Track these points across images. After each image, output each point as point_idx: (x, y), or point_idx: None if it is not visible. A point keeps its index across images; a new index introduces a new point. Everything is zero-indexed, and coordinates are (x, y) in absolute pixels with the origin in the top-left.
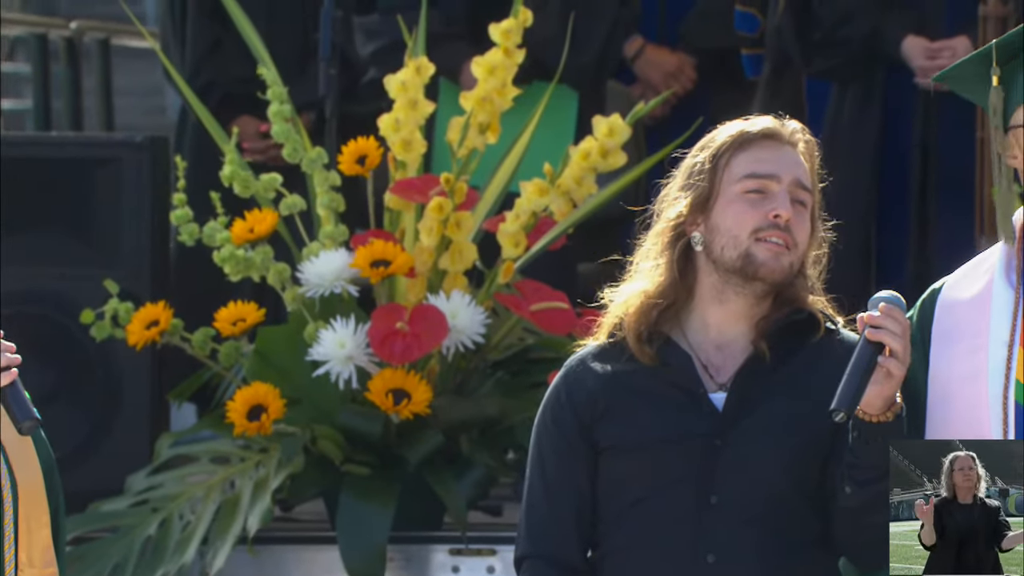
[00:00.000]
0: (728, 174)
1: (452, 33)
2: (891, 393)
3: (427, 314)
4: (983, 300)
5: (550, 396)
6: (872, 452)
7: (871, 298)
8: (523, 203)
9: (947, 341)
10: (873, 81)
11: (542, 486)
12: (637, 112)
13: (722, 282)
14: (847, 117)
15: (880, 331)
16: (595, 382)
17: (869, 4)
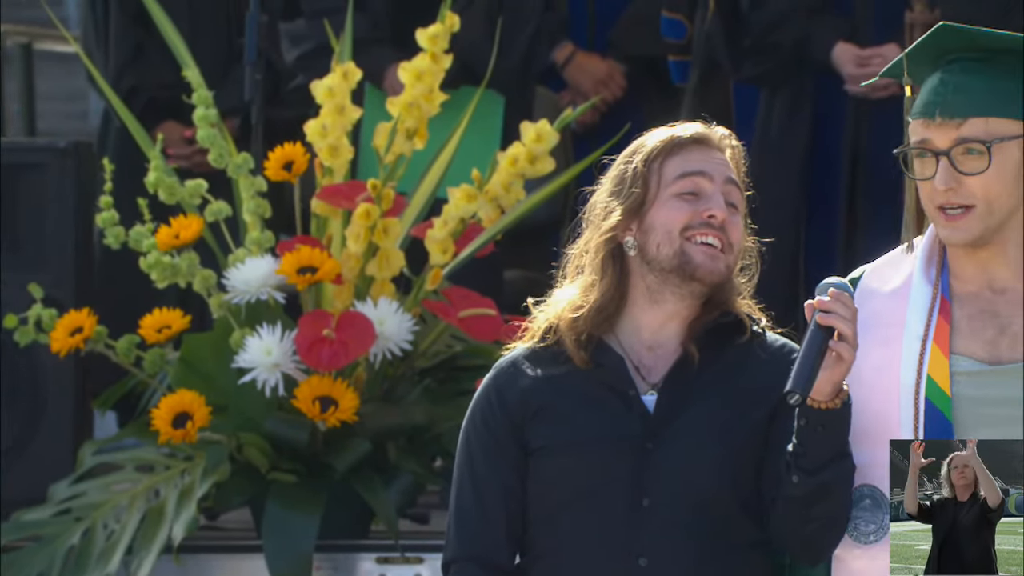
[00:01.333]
0: (661, 178)
1: (378, 38)
2: (840, 378)
3: (354, 321)
4: (902, 293)
5: (479, 397)
6: (819, 439)
7: (820, 284)
8: (451, 209)
9: (862, 332)
10: (802, 87)
11: (471, 488)
12: (565, 118)
13: (659, 282)
14: (776, 123)
15: (830, 315)
16: (526, 383)
17: (799, 11)
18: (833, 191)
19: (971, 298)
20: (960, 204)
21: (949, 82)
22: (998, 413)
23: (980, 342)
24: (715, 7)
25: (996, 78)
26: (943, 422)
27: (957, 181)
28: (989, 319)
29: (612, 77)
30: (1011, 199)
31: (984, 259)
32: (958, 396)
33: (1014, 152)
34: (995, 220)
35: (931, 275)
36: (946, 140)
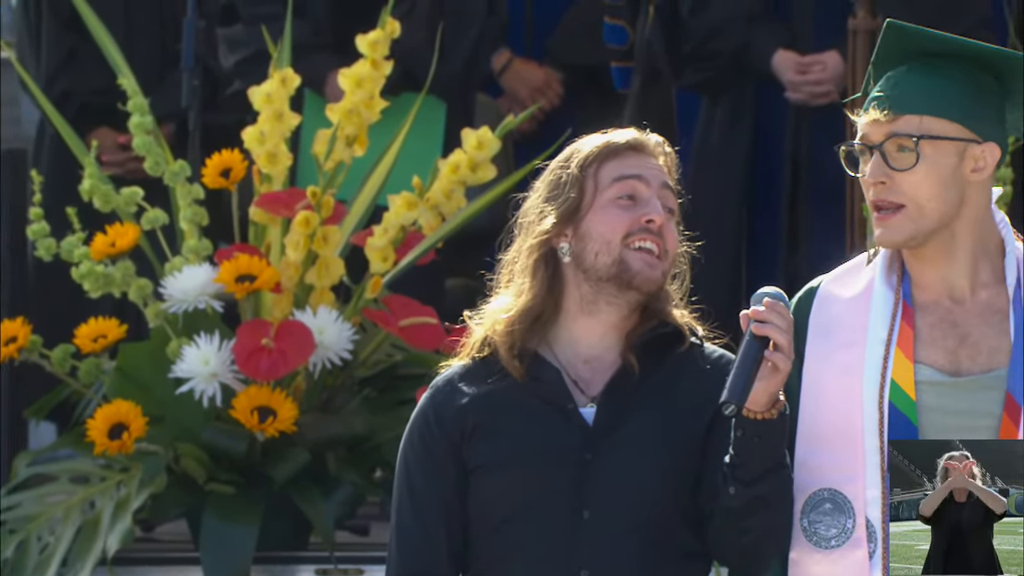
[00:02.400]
0: (597, 183)
1: (318, 44)
2: (776, 388)
3: (293, 330)
4: (863, 299)
5: (417, 417)
6: (756, 450)
7: (755, 293)
8: (391, 217)
9: (824, 336)
10: (743, 95)
11: (411, 506)
12: (507, 125)
13: (594, 292)
14: (717, 131)
15: (766, 326)
16: (463, 400)
17: (739, 18)
18: (774, 199)
19: (931, 307)
20: (891, 201)
21: (892, 79)
22: (954, 423)
23: (941, 351)
24: (655, 14)
25: (938, 78)
26: (908, 426)
27: (887, 176)
28: (949, 329)
29: (549, 85)
30: (943, 204)
31: (941, 268)
32: (921, 404)
33: (949, 156)
34: (927, 224)
35: (892, 282)
36: (880, 135)
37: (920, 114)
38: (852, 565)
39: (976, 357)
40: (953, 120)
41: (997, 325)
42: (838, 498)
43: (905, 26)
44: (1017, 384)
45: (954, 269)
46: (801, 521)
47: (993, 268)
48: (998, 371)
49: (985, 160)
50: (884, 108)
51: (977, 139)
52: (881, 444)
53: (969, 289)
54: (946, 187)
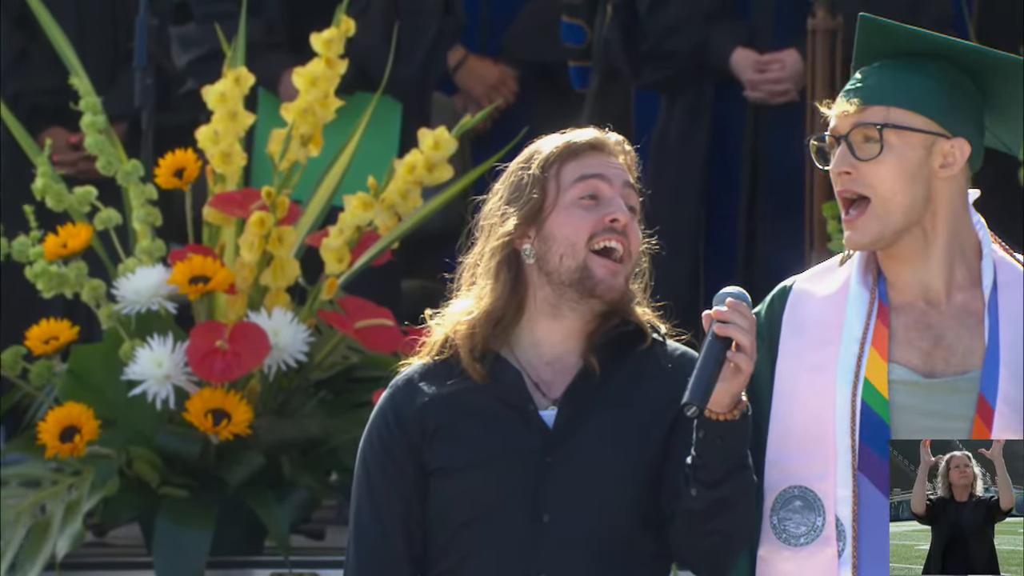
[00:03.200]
0: (559, 183)
1: (272, 43)
2: (738, 389)
3: (248, 332)
4: (839, 298)
5: (376, 417)
6: (718, 451)
7: (717, 293)
8: (347, 218)
9: (798, 334)
10: (702, 94)
11: (370, 510)
12: (463, 125)
13: (556, 296)
14: (676, 130)
15: (728, 326)
16: (423, 401)
17: (697, 16)
18: (732, 198)
19: (907, 308)
20: (855, 192)
21: (863, 72)
22: (927, 424)
23: (916, 352)
24: (613, 12)
25: (910, 73)
26: (880, 424)
27: (852, 166)
28: (924, 330)
29: (504, 82)
30: (909, 198)
31: (916, 269)
32: (894, 404)
33: (916, 148)
34: (894, 220)
35: (868, 281)
36: (847, 125)
37: (888, 105)
38: (821, 563)
39: (950, 359)
40: (921, 113)
41: (972, 328)
42: (808, 496)
43: (878, 21)
44: (990, 387)
45: (929, 270)
46: (771, 518)
47: (969, 270)
48: (972, 373)
49: (954, 156)
50: (853, 98)
51: (946, 134)
52: (853, 443)
53: (944, 291)
54: (912, 180)
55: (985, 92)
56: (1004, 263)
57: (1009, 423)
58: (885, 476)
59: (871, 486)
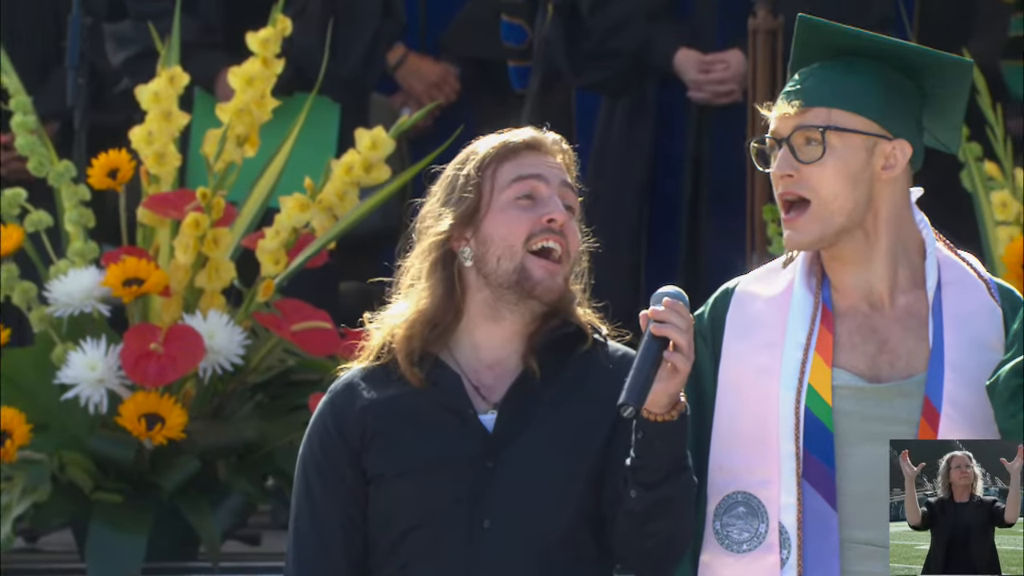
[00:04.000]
0: (496, 183)
1: (207, 42)
2: (676, 390)
3: (183, 335)
4: (783, 300)
5: (315, 423)
6: (656, 453)
7: (654, 293)
8: (283, 219)
9: (742, 335)
10: (644, 94)
11: (309, 515)
12: (401, 125)
13: (495, 298)
14: (617, 131)
15: (665, 326)
16: (362, 407)
17: (640, 16)
18: (675, 199)
19: (851, 312)
20: (797, 195)
21: (803, 74)
22: (873, 429)
23: (861, 357)
24: (554, 11)
25: (851, 74)
26: (824, 431)
27: (794, 169)
28: (869, 334)
29: (445, 80)
30: (851, 200)
31: (859, 271)
32: (838, 410)
33: (858, 150)
34: (835, 222)
35: (811, 284)
36: (788, 127)
37: (829, 107)
38: (763, 570)
39: (895, 363)
40: (862, 115)
41: (916, 330)
42: (752, 502)
43: (818, 21)
44: (935, 390)
45: (872, 273)
46: (713, 523)
47: (913, 271)
48: (917, 377)
49: (896, 157)
50: (793, 101)
51: (887, 135)
52: (797, 450)
53: (888, 294)
54: (854, 183)
55: (924, 92)
56: (948, 262)
57: (956, 426)
58: (830, 484)
59: (815, 494)
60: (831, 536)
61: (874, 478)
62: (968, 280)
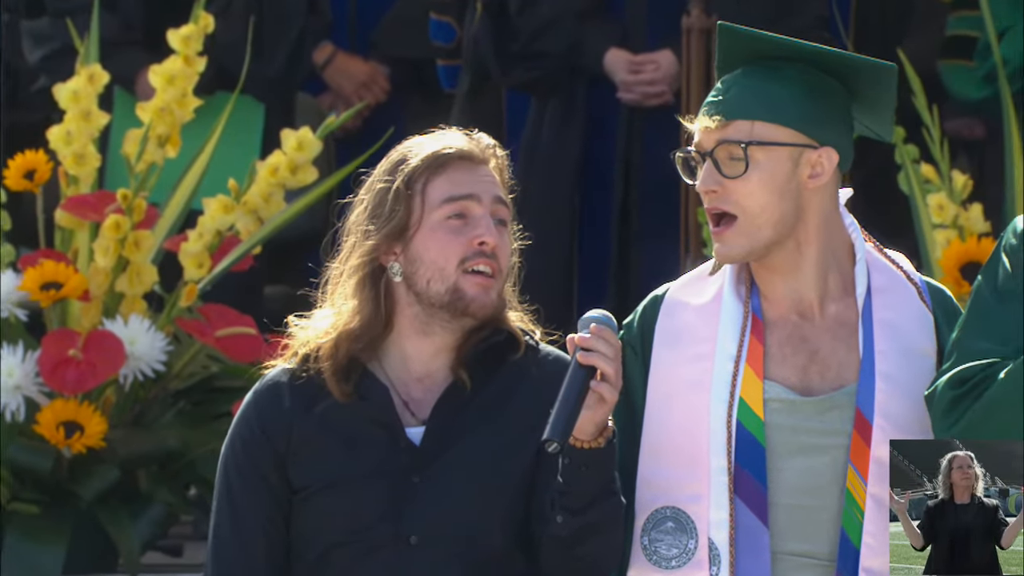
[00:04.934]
0: (426, 200)
1: (128, 39)
2: (603, 418)
3: (103, 340)
4: (712, 309)
5: (239, 422)
6: (583, 479)
7: (581, 318)
8: (206, 221)
9: (671, 344)
10: (574, 95)
11: (230, 519)
12: (328, 125)
13: (426, 315)
14: (547, 132)
15: (592, 354)
16: (288, 414)
17: (569, 15)
18: (606, 202)
19: (781, 322)
20: (723, 210)
21: (725, 83)
22: (805, 441)
23: (791, 369)
24: (482, 10)
25: (772, 82)
26: (756, 446)
27: (719, 184)
28: (799, 344)
29: (375, 80)
30: (778, 213)
31: (789, 280)
32: (770, 423)
33: (783, 162)
34: (763, 235)
35: (741, 293)
36: (711, 141)
37: (751, 119)
38: None
39: (826, 374)
40: (786, 125)
41: (846, 340)
42: (681, 517)
43: (736, 28)
44: (866, 400)
45: (802, 282)
46: (642, 539)
47: (843, 277)
48: (848, 388)
49: (822, 166)
50: (714, 114)
51: (813, 144)
52: (729, 464)
53: (818, 303)
54: (781, 195)
55: (852, 91)
56: (879, 266)
57: (889, 437)
58: (762, 500)
59: (747, 510)
60: (763, 553)
61: (807, 491)
62: (899, 284)
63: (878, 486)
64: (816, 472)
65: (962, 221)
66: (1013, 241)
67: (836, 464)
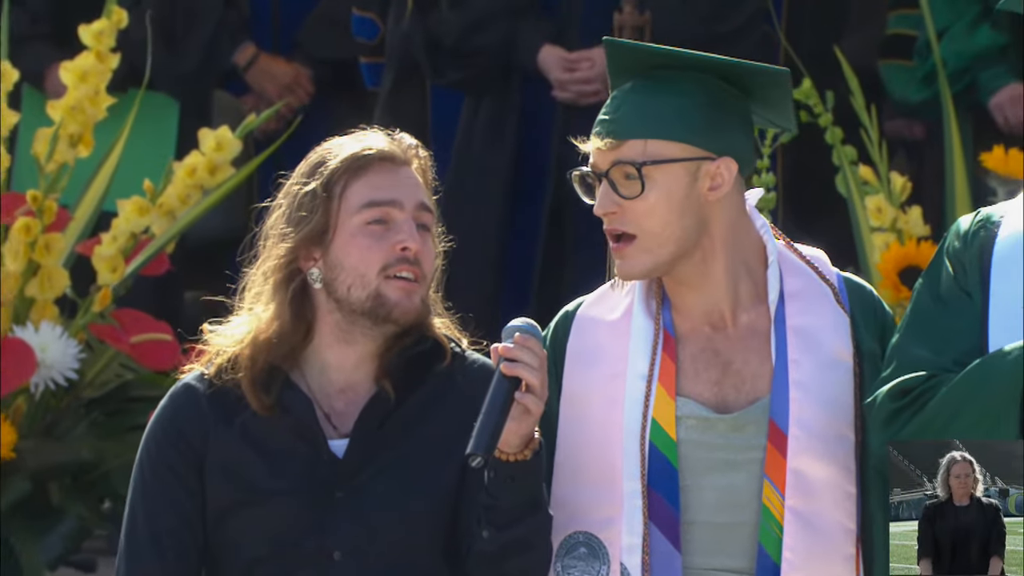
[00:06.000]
0: (345, 204)
1: (37, 34)
2: (528, 430)
3: (12, 348)
4: (623, 326)
5: (154, 425)
6: (509, 492)
7: (505, 327)
8: (121, 224)
9: (584, 363)
10: (507, 93)
11: (145, 523)
12: (248, 124)
13: (348, 322)
14: (481, 131)
15: (517, 365)
16: (205, 422)
17: (502, 11)
18: (539, 202)
19: (693, 335)
20: (623, 230)
21: (616, 100)
22: (720, 457)
23: (705, 384)
24: (413, 5)
25: (663, 96)
26: (668, 468)
27: (617, 205)
28: (712, 358)
29: (298, 81)
30: (680, 229)
31: (700, 292)
32: (684, 441)
33: (680, 178)
34: (666, 252)
35: (651, 308)
36: (606, 162)
37: (644, 138)
38: None
39: (740, 387)
40: (679, 140)
41: (759, 350)
42: (593, 542)
43: (623, 43)
44: (780, 411)
45: (713, 292)
46: (555, 565)
47: (755, 284)
48: (762, 400)
49: (722, 176)
50: (606, 135)
51: (710, 156)
52: (642, 488)
53: (730, 313)
54: (681, 212)
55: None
56: (793, 268)
57: (805, 447)
58: (674, 524)
59: (660, 535)
60: None
61: (726, 508)
62: (813, 288)
63: (797, 499)
64: (735, 488)
65: (901, 224)
66: (956, 244)
67: (754, 479)
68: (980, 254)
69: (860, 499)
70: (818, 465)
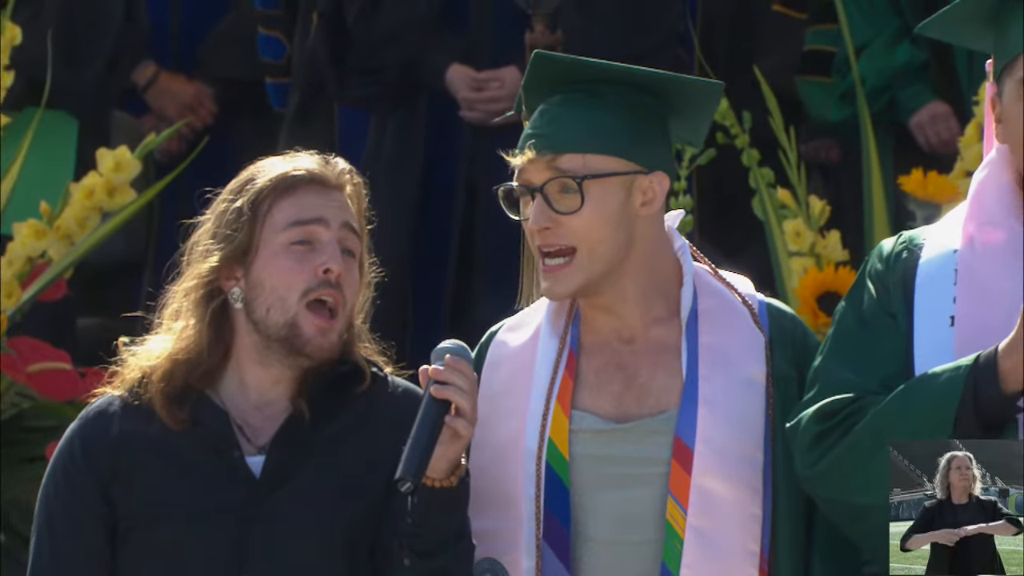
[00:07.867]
0: (270, 223)
1: None
2: (456, 455)
3: None
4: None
5: (62, 451)
6: (433, 519)
7: (435, 349)
8: (16, 247)
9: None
10: (414, 112)
11: (50, 553)
12: (148, 144)
13: (263, 345)
14: (387, 151)
15: (446, 387)
16: (115, 441)
17: (410, 28)
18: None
19: (600, 349)
20: (560, 245)
21: (547, 114)
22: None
23: (607, 397)
24: (319, 21)
25: (597, 111)
26: (561, 488)
27: (553, 221)
28: (616, 371)
29: (200, 101)
30: (614, 245)
31: (613, 310)
32: (581, 456)
33: (616, 192)
34: (598, 269)
35: (559, 326)
36: (541, 176)
37: (583, 152)
38: None
39: (644, 400)
40: (616, 155)
41: (668, 364)
42: (497, 569)
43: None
44: (687, 426)
45: (626, 309)
46: None
47: (668, 302)
48: (668, 413)
49: (654, 191)
50: (542, 148)
51: (643, 170)
52: (538, 511)
53: (641, 327)
54: (615, 226)
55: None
56: (709, 289)
57: (710, 464)
58: (566, 544)
59: (553, 556)
60: None
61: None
62: (729, 307)
63: (700, 517)
64: (634, 504)
65: (819, 249)
66: (879, 266)
67: (658, 496)
68: (904, 276)
69: (769, 522)
70: (724, 484)
